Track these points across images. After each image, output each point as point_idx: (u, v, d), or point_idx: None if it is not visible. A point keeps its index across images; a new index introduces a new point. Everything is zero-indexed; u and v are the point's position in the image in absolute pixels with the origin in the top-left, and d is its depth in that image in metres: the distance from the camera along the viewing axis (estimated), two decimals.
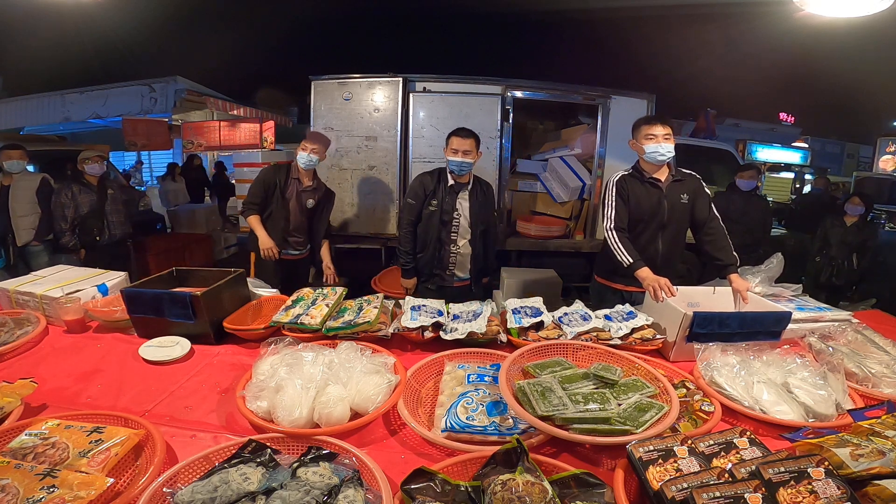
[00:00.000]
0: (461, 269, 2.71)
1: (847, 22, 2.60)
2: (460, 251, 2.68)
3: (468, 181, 2.63)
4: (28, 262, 3.84)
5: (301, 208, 3.03)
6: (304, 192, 3.02)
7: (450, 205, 2.60)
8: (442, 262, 2.68)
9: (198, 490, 0.92)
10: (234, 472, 0.97)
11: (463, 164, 2.52)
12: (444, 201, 2.59)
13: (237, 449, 1.06)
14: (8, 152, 3.77)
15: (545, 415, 1.18)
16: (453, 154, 2.51)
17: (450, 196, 2.60)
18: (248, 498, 0.92)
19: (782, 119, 14.35)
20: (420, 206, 2.59)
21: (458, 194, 2.62)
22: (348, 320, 1.75)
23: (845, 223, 4.49)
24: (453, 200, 2.61)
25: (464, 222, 2.64)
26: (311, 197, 3.05)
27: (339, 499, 0.93)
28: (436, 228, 2.61)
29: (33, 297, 1.92)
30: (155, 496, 0.94)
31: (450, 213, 2.60)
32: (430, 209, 2.59)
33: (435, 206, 2.58)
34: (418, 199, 2.60)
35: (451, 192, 2.60)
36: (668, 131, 2.21)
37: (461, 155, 2.49)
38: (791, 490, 0.87)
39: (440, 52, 13.28)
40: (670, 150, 2.21)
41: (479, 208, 2.66)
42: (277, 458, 1.05)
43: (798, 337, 1.89)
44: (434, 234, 2.62)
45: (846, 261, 4.45)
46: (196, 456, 1.06)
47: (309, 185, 3.04)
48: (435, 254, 2.65)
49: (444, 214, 2.60)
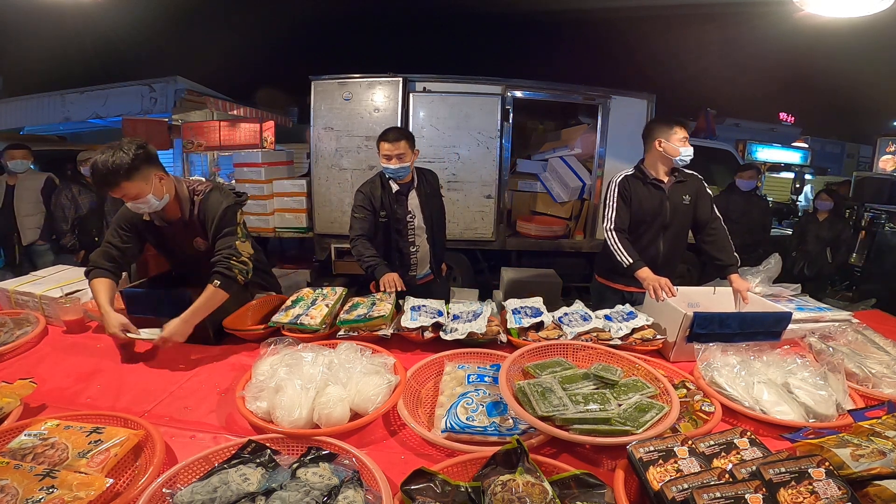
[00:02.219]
0: (422, 267, 2.61)
1: (847, 22, 2.60)
2: (419, 250, 2.57)
3: (411, 179, 2.48)
4: (33, 262, 3.85)
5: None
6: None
7: (401, 212, 2.45)
8: (403, 267, 2.52)
9: (197, 491, 0.92)
10: (234, 473, 0.97)
11: (399, 171, 2.35)
12: (393, 209, 2.43)
13: (237, 449, 1.06)
14: (12, 152, 3.78)
15: (545, 415, 1.18)
16: (386, 161, 2.32)
17: (398, 203, 2.45)
18: (247, 498, 0.92)
19: (782, 119, 14.34)
20: (372, 218, 2.39)
21: (406, 197, 2.46)
22: (362, 314, 1.75)
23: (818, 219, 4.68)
24: (403, 205, 2.46)
25: (418, 222, 2.51)
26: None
27: (338, 499, 0.93)
28: (392, 238, 2.48)
29: (33, 297, 1.93)
30: (154, 497, 0.94)
31: (402, 219, 2.46)
32: (381, 220, 2.42)
33: (385, 216, 2.42)
34: (366, 212, 2.39)
35: (398, 197, 2.45)
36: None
37: (395, 161, 2.31)
38: (792, 490, 0.87)
39: (440, 52, 13.27)
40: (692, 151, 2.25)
41: (428, 200, 2.53)
42: (277, 459, 1.05)
43: (798, 337, 1.89)
44: (392, 245, 2.49)
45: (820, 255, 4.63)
46: (196, 456, 1.06)
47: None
48: (395, 262, 2.48)
49: (396, 223, 2.46)
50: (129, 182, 1.59)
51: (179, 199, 1.82)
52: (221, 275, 1.72)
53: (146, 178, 1.64)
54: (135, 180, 1.61)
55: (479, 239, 4.49)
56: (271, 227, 4.60)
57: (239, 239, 1.80)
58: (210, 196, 1.84)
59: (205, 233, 1.84)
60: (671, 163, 2.26)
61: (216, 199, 1.83)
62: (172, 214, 1.84)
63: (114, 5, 4.96)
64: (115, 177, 1.57)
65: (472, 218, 4.42)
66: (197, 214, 1.83)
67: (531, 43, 15.09)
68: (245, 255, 1.80)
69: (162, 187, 1.71)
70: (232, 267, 1.74)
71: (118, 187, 1.60)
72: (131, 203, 1.68)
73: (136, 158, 1.59)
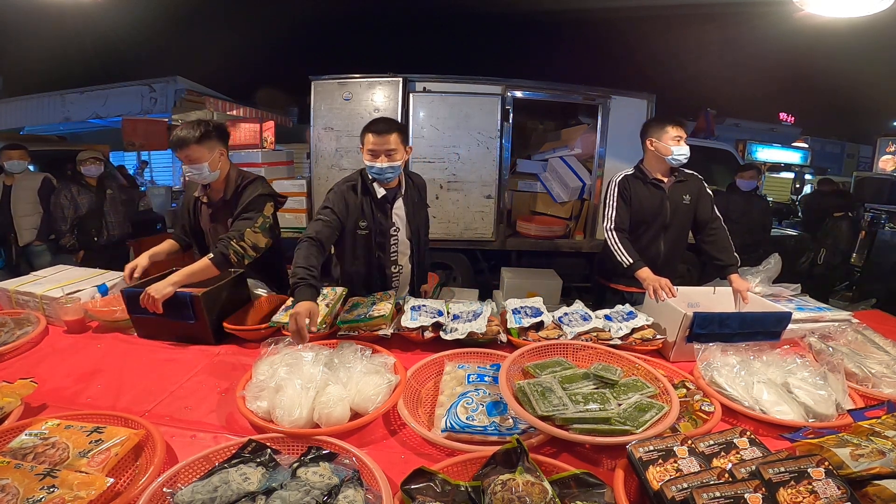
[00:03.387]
0: (402, 292, 2.20)
1: (847, 22, 2.60)
2: (402, 272, 2.18)
3: (398, 183, 2.05)
4: (31, 262, 3.85)
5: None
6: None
7: (384, 223, 2.04)
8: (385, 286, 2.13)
9: (198, 490, 0.92)
10: (235, 473, 0.97)
11: (386, 172, 1.92)
12: (376, 220, 2.01)
13: (237, 449, 1.06)
14: (8, 153, 3.78)
15: (545, 415, 1.18)
16: (372, 158, 1.91)
17: (381, 212, 2.02)
18: (248, 498, 0.92)
19: (782, 119, 14.35)
20: (337, 225, 1.95)
21: (391, 205, 2.05)
22: (362, 313, 1.75)
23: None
24: (387, 215, 2.04)
25: (402, 237, 2.11)
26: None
27: (338, 499, 0.93)
28: (373, 253, 2.06)
29: (33, 297, 1.93)
30: (155, 496, 0.94)
31: (386, 232, 2.05)
32: (360, 233, 2.01)
33: (365, 227, 2.01)
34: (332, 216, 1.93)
35: (381, 206, 2.02)
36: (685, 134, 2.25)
37: (383, 159, 1.90)
38: (791, 490, 0.87)
39: (440, 52, 13.27)
40: (688, 151, 2.24)
41: (416, 211, 2.13)
42: (277, 459, 1.05)
43: (798, 337, 1.89)
44: (373, 261, 2.08)
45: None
46: (196, 456, 1.06)
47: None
48: (375, 284, 2.10)
49: (379, 236, 2.04)
50: (197, 145, 1.90)
51: (228, 180, 2.05)
52: (218, 251, 1.85)
53: (211, 148, 1.94)
54: (203, 145, 1.91)
55: (479, 239, 4.49)
56: None
57: (253, 226, 1.91)
58: (253, 183, 2.03)
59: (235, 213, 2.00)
60: (665, 162, 2.25)
61: (255, 186, 2.02)
62: (217, 194, 2.07)
63: (114, 5, 4.96)
64: (187, 139, 1.88)
65: (472, 218, 4.42)
66: (236, 196, 2.02)
67: (531, 43, 15.08)
68: (249, 242, 1.89)
69: (218, 163, 1.97)
70: (229, 246, 1.84)
71: (188, 147, 1.89)
72: (188, 166, 1.93)
73: (208, 130, 1.93)
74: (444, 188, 4.31)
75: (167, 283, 1.72)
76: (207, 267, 1.83)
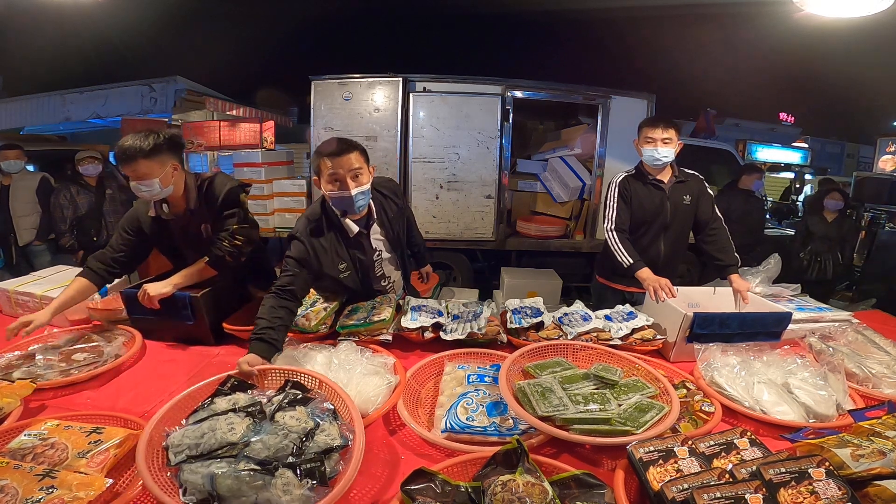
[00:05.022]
0: (397, 291, 2.12)
1: (847, 22, 2.60)
2: (393, 281, 2.07)
3: (369, 210, 1.83)
4: (31, 262, 3.84)
5: None
6: None
7: (365, 258, 1.86)
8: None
9: (187, 435, 1.02)
10: (223, 421, 1.05)
11: (359, 199, 1.69)
12: (354, 259, 1.83)
13: (219, 385, 1.21)
14: (5, 152, 3.76)
15: (545, 415, 1.18)
16: (336, 186, 1.66)
17: (358, 248, 1.83)
18: (229, 447, 0.99)
19: (782, 119, 14.34)
20: (307, 277, 1.71)
21: (368, 234, 1.86)
22: (363, 318, 1.74)
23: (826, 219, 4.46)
24: (365, 250, 1.86)
25: (385, 255, 1.96)
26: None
27: (317, 433, 1.05)
28: (359, 284, 1.91)
29: (33, 297, 1.92)
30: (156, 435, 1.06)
31: (369, 265, 1.89)
32: (342, 275, 1.81)
33: (345, 268, 1.81)
34: (299, 269, 1.67)
35: (356, 241, 1.82)
36: (670, 135, 2.17)
37: (351, 183, 1.65)
38: (792, 490, 0.87)
39: (440, 52, 13.29)
40: (668, 154, 2.18)
41: (393, 223, 1.94)
42: (261, 403, 1.14)
43: (798, 337, 1.89)
44: (361, 293, 1.92)
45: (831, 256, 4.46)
46: (180, 395, 1.20)
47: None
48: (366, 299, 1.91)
49: (361, 272, 1.87)
50: (146, 160, 1.66)
51: (187, 190, 1.84)
52: (212, 253, 1.82)
53: (162, 163, 1.70)
54: (152, 159, 1.67)
55: (479, 239, 4.49)
56: (271, 227, 4.60)
57: (238, 222, 1.86)
58: (215, 179, 1.88)
59: (210, 216, 1.86)
60: (650, 164, 2.25)
61: (221, 181, 1.87)
62: (178, 207, 1.87)
63: (114, 5, 4.95)
64: (134, 153, 1.64)
65: (472, 218, 4.42)
66: (203, 199, 1.85)
67: (531, 43, 15.10)
68: (241, 238, 1.85)
69: (171, 178, 1.75)
70: (223, 247, 1.81)
71: (135, 162, 1.65)
72: (135, 183, 1.69)
73: (158, 143, 1.68)
74: (444, 188, 4.31)
75: (167, 283, 1.72)
76: (204, 268, 1.83)
